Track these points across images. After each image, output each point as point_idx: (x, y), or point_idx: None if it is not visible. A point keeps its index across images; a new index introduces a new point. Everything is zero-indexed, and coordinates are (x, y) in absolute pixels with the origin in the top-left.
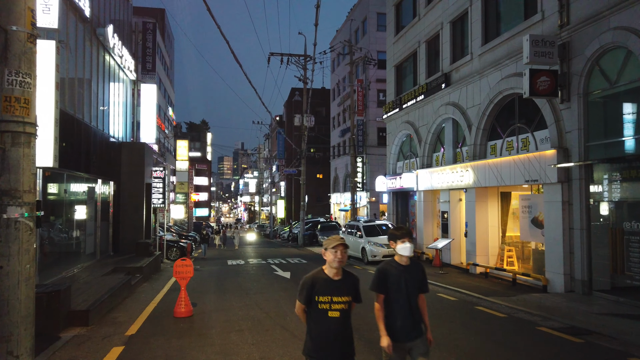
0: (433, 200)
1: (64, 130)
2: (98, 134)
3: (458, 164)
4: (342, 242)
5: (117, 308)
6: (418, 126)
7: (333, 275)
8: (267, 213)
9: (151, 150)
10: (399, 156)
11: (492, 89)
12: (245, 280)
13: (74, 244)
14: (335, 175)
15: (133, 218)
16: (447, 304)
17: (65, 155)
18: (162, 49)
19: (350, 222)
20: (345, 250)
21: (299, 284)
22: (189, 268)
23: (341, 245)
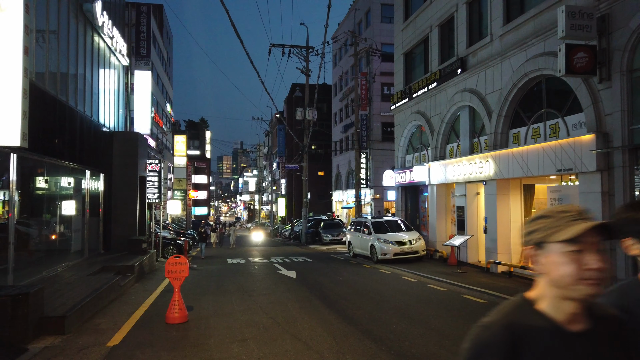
0: (447, 194)
1: (43, 112)
2: (85, 120)
3: (476, 154)
4: (591, 224)
5: (101, 312)
6: (430, 116)
7: (568, 321)
8: (267, 212)
9: (145, 141)
10: (408, 149)
11: (515, 71)
12: (247, 280)
13: (57, 240)
14: (338, 172)
15: (125, 214)
16: (478, 307)
17: (45, 140)
18: (159, 43)
19: (357, 219)
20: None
21: (306, 285)
22: (184, 267)
23: (594, 237)
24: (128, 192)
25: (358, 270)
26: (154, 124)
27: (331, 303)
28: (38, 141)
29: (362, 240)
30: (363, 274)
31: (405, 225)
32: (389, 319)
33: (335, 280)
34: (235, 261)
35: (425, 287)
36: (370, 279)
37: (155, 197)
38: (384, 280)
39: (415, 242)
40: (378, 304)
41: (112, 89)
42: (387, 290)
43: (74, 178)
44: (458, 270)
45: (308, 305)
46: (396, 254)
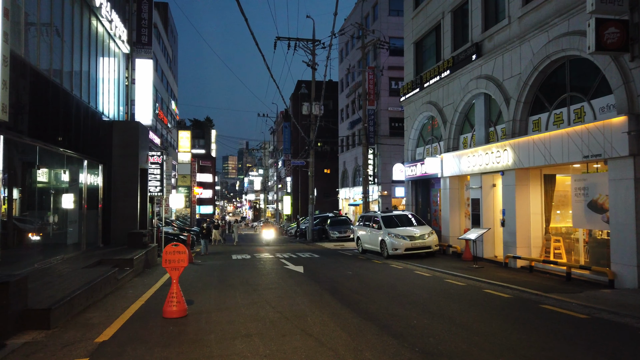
0: (460, 187)
1: (33, 91)
2: (82, 106)
3: (492, 143)
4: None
5: (94, 306)
6: (442, 106)
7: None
8: (272, 210)
9: (147, 131)
10: (419, 141)
11: (536, 54)
12: (252, 274)
13: (51, 233)
14: (344, 169)
15: (125, 207)
16: (503, 302)
17: (35, 122)
18: (164, 39)
19: (366, 213)
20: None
21: (315, 279)
22: (182, 255)
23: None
24: (128, 184)
25: (368, 266)
26: (159, 121)
27: (343, 297)
28: (27, 122)
29: (372, 235)
30: (374, 269)
31: (416, 220)
32: (407, 313)
33: (345, 275)
34: (240, 257)
35: (442, 282)
36: (382, 273)
37: (157, 191)
38: (397, 275)
39: (427, 237)
40: (394, 298)
41: (111, 77)
42: (401, 284)
43: (69, 167)
44: (474, 265)
45: (318, 300)
46: (408, 249)
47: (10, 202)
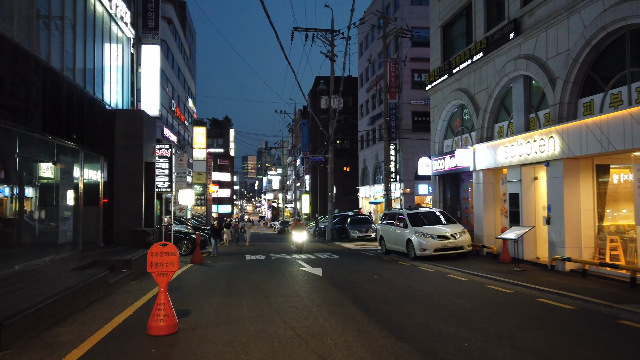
0: (495, 181)
1: (15, 71)
2: (76, 90)
3: (534, 131)
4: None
5: (71, 318)
6: (474, 92)
7: None
8: (291, 210)
9: (153, 122)
10: (447, 133)
11: (588, 26)
12: (264, 278)
13: (36, 230)
14: (364, 166)
15: (129, 203)
16: (569, 316)
17: (12, 102)
18: (180, 35)
19: (390, 211)
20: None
21: (336, 284)
22: (172, 258)
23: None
24: (132, 178)
25: (394, 268)
26: (175, 118)
27: (370, 308)
28: (6, 106)
29: (397, 234)
30: (401, 272)
31: (445, 218)
32: (453, 331)
33: (369, 279)
34: (254, 257)
35: (483, 289)
36: (411, 277)
37: (165, 186)
38: (429, 279)
39: (459, 236)
40: (432, 309)
41: (114, 63)
42: (436, 291)
43: (61, 158)
44: (516, 268)
45: (340, 312)
46: (437, 249)
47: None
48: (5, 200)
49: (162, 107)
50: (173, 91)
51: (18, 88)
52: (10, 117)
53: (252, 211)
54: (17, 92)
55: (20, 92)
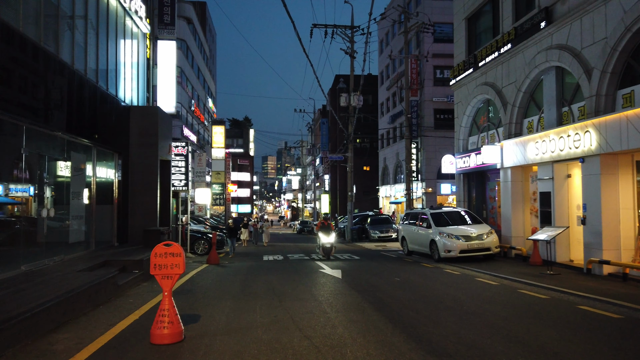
0: (524, 179)
1: (21, 63)
2: (89, 85)
3: (567, 125)
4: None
5: (73, 322)
6: (501, 86)
7: None
8: (310, 210)
9: (169, 119)
10: (472, 129)
11: (628, 11)
12: (280, 280)
13: (44, 229)
14: (384, 165)
15: (144, 202)
16: (618, 326)
17: (19, 95)
18: (200, 35)
19: (412, 210)
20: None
21: (356, 288)
22: (177, 259)
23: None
24: (147, 176)
25: (418, 270)
26: (195, 117)
27: (393, 315)
28: (8, 94)
29: (419, 234)
30: (426, 275)
31: (471, 217)
32: (489, 344)
33: (392, 282)
34: (271, 258)
35: (516, 294)
36: (436, 280)
37: (181, 185)
38: (456, 282)
39: (486, 237)
40: (462, 317)
41: (128, 58)
42: (465, 296)
43: (72, 154)
44: (549, 271)
45: (361, 319)
46: (463, 250)
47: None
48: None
49: (182, 106)
50: (193, 91)
51: (24, 81)
52: (16, 111)
53: (272, 211)
54: (24, 85)
55: (27, 85)
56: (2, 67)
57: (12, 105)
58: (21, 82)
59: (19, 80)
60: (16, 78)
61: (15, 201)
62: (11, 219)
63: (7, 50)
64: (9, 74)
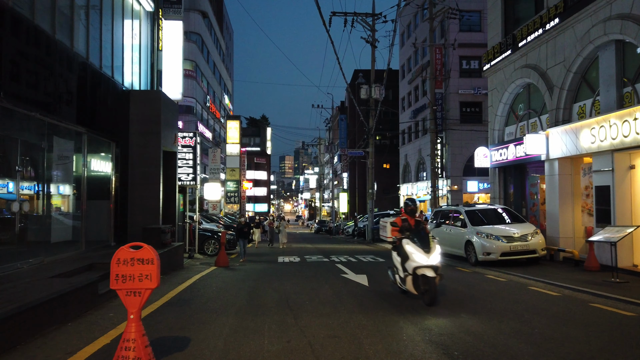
0: (574, 171)
1: None
2: (78, 61)
3: (631, 107)
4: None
5: (21, 349)
6: (546, 68)
7: None
8: (328, 209)
9: (174, 106)
10: (509, 118)
11: None
12: (296, 287)
13: (17, 227)
14: (406, 162)
15: (145, 197)
16: None
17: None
18: (216, 31)
19: (443, 208)
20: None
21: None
22: (148, 268)
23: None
24: (149, 168)
25: (455, 276)
26: (211, 114)
27: (446, 342)
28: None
29: (452, 235)
30: (466, 282)
31: (510, 216)
32: None
33: None
34: (287, 259)
35: (591, 310)
36: (481, 289)
37: (189, 179)
38: (506, 292)
39: (530, 238)
40: (540, 347)
41: (128, 38)
42: (529, 313)
43: (55, 141)
44: (614, 279)
45: (403, 347)
46: (505, 253)
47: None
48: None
49: (196, 101)
50: (208, 86)
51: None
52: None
53: (290, 210)
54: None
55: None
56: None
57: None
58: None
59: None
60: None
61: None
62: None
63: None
64: None
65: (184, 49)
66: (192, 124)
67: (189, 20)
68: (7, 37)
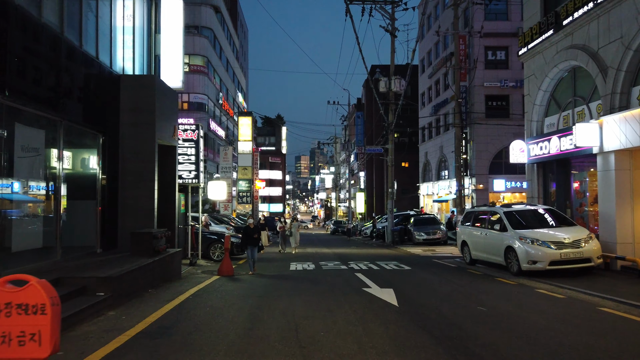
0: (634, 166)
1: None
2: (49, 34)
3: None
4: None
5: None
6: (597, 47)
7: None
8: (344, 209)
9: (173, 94)
10: (550, 107)
11: None
12: (308, 309)
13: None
14: (426, 160)
15: (137, 196)
16: None
17: None
18: (229, 26)
19: (475, 209)
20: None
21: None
22: (37, 321)
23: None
24: (142, 164)
25: (499, 290)
26: (224, 112)
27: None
28: None
29: (488, 239)
30: (519, 301)
31: (555, 217)
32: None
33: (476, 315)
34: (300, 267)
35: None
36: (538, 311)
37: (191, 177)
38: (573, 316)
39: (584, 244)
40: None
41: (119, 18)
42: (627, 355)
43: (17, 128)
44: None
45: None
46: (554, 262)
47: None
48: None
49: (208, 98)
50: (221, 83)
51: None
52: None
53: (306, 211)
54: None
55: None
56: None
57: None
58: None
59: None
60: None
61: None
62: None
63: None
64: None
65: (195, 43)
66: (203, 121)
67: (201, 15)
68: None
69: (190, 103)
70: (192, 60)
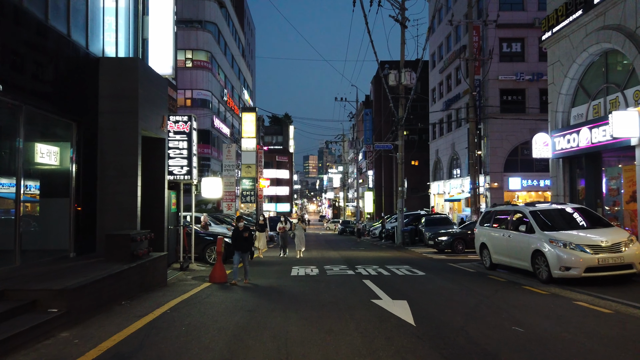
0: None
1: None
2: (7, 4)
3: None
4: None
5: None
6: (637, 26)
7: None
8: (352, 209)
9: (161, 81)
10: (577, 96)
11: None
12: (305, 327)
13: None
14: (437, 158)
15: (119, 192)
16: None
17: None
18: (234, 22)
19: (496, 208)
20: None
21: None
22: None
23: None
24: (124, 158)
25: (531, 302)
26: (229, 109)
27: None
28: None
29: (511, 241)
30: (558, 318)
31: (587, 218)
32: None
33: (511, 338)
34: (302, 272)
35: None
36: (591, 335)
37: (182, 173)
38: (633, 341)
39: (624, 248)
40: None
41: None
42: None
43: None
44: None
45: None
46: (590, 268)
47: None
48: None
49: (212, 94)
50: (225, 80)
51: None
52: None
53: (314, 210)
54: None
55: None
56: None
57: None
58: None
59: None
60: None
61: None
62: None
63: None
64: None
65: (198, 38)
66: (207, 118)
67: (205, 9)
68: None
69: (193, 99)
70: (195, 56)
